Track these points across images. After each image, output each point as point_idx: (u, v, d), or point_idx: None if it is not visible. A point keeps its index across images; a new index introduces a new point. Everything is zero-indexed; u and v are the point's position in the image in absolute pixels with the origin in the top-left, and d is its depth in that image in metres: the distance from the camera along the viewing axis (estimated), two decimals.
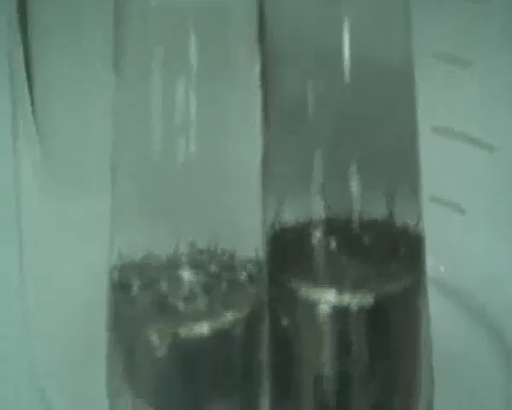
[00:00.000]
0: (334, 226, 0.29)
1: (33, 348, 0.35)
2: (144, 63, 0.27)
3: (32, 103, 0.34)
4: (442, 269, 0.40)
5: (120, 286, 0.28)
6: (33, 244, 0.35)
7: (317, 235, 0.29)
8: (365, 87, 0.29)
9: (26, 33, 0.32)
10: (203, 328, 0.27)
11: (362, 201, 0.29)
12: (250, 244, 0.29)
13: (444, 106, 0.40)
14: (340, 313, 0.27)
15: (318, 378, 0.28)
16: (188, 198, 0.28)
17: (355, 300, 0.27)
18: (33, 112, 0.34)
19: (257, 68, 0.29)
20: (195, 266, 0.28)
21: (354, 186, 0.29)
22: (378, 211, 0.29)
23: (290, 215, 0.30)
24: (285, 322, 0.28)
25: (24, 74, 0.33)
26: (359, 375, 0.28)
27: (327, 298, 0.27)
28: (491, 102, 0.40)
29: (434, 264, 0.33)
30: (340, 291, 0.27)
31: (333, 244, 0.29)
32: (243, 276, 0.29)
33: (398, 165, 0.30)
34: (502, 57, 0.39)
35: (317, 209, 0.29)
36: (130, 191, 0.29)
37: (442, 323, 0.32)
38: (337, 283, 0.27)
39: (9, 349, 0.38)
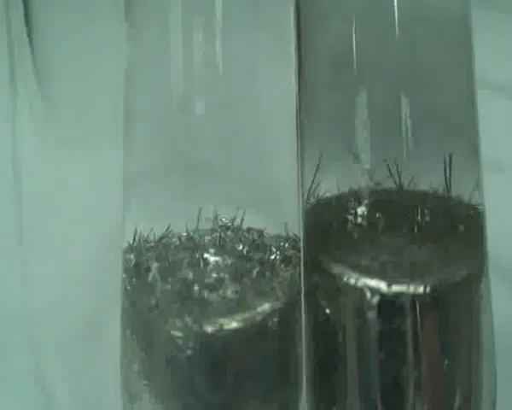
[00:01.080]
0: (381, 200, 0.25)
1: (35, 339, 0.32)
2: (162, 9, 0.24)
3: (33, 53, 0.31)
4: None
5: (137, 270, 0.24)
6: (33, 210, 0.32)
7: (362, 210, 0.25)
8: (417, 38, 0.25)
9: None
10: (233, 322, 0.23)
11: (413, 167, 0.25)
12: (280, 218, 0.25)
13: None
14: (391, 303, 0.24)
15: (365, 375, 0.24)
16: (210, 161, 0.25)
17: (409, 289, 0.23)
18: (34, 64, 0.31)
19: (290, 15, 0.25)
20: (221, 245, 0.24)
21: (405, 149, 0.25)
22: (432, 179, 0.25)
23: (329, 185, 0.26)
24: (327, 311, 0.24)
25: (23, 25, 0.30)
26: (412, 375, 0.24)
27: (375, 287, 0.24)
28: None
29: None
30: (391, 279, 0.23)
31: (380, 222, 0.25)
32: (276, 256, 0.25)
33: (455, 124, 0.26)
34: None
35: (361, 178, 0.25)
36: (146, 153, 0.25)
37: None
38: (387, 269, 0.24)
39: (10, 341, 0.35)
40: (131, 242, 0.25)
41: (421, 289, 0.23)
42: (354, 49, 0.25)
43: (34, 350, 0.31)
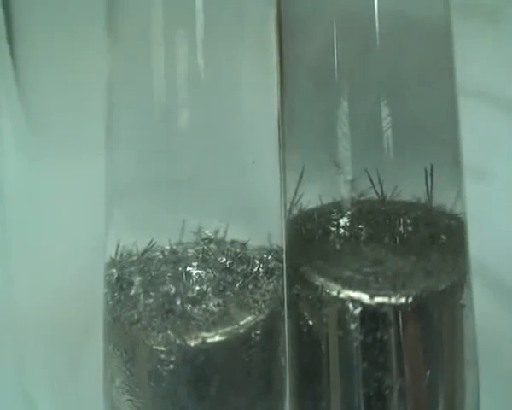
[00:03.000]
0: (364, 210, 0.25)
1: (20, 347, 0.32)
2: (144, 20, 0.24)
3: (15, 66, 0.31)
4: None
5: (119, 285, 0.24)
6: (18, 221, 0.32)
7: (344, 221, 0.25)
8: (398, 49, 0.25)
9: None
10: (216, 336, 0.23)
11: (396, 177, 0.25)
12: (263, 230, 0.25)
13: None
14: (373, 314, 0.24)
15: (348, 385, 0.24)
16: (193, 173, 0.25)
17: (391, 300, 0.23)
18: (16, 77, 0.31)
19: (271, 25, 0.25)
20: (204, 259, 0.24)
21: (387, 159, 0.25)
22: (415, 189, 0.25)
23: (312, 196, 0.26)
24: (310, 322, 0.24)
25: (5, 38, 0.30)
26: (395, 385, 0.24)
27: (358, 298, 0.24)
28: None
29: None
30: (373, 291, 0.23)
31: (363, 233, 0.25)
32: (259, 268, 0.25)
33: (437, 134, 0.26)
34: None
35: (344, 189, 0.25)
36: (128, 166, 0.25)
37: None
38: (369, 281, 0.24)
39: None
40: (114, 256, 0.25)
41: (403, 300, 0.23)
42: (335, 60, 0.25)
43: (19, 362, 0.31)
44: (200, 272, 0.24)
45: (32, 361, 0.31)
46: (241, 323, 0.23)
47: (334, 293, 0.24)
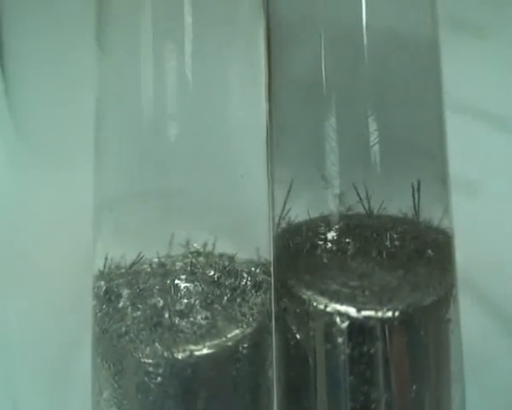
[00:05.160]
0: (351, 225, 0.25)
1: (8, 358, 0.31)
2: (133, 33, 0.24)
3: (4, 78, 0.31)
4: None
5: (107, 297, 0.24)
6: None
7: (332, 235, 0.25)
8: (386, 64, 0.25)
9: None
10: (204, 349, 0.23)
11: (383, 191, 0.25)
12: (251, 243, 0.26)
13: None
14: (360, 328, 0.24)
15: (335, 398, 0.24)
16: (182, 184, 0.25)
17: (378, 314, 0.23)
18: (5, 89, 0.31)
19: (260, 38, 0.26)
20: (192, 272, 0.24)
21: (374, 174, 0.25)
22: (402, 204, 0.25)
23: (301, 210, 0.26)
24: (297, 336, 0.25)
25: None
26: (381, 398, 0.24)
27: (345, 312, 0.24)
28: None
29: None
30: (360, 305, 0.24)
31: (350, 247, 0.25)
32: (247, 282, 0.25)
33: (424, 149, 0.26)
34: None
35: (332, 203, 0.25)
36: (117, 178, 0.25)
37: None
38: (356, 295, 0.24)
39: None
40: (102, 268, 0.25)
41: (389, 314, 0.24)
42: (323, 74, 0.25)
43: (7, 372, 0.31)
44: (188, 285, 0.24)
45: (21, 372, 0.31)
46: (229, 336, 0.23)
47: (322, 306, 0.24)
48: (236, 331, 0.24)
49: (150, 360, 0.23)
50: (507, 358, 0.36)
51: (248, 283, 0.25)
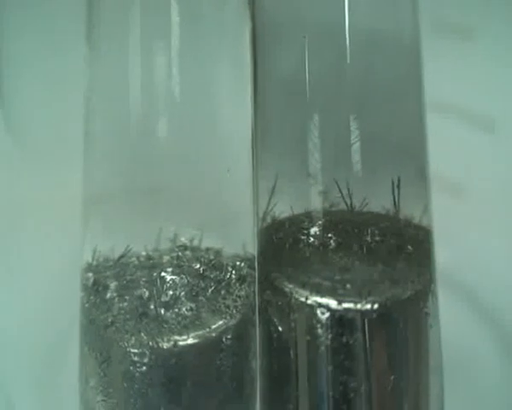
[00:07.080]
0: (334, 220, 0.26)
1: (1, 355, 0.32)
2: (122, 32, 0.25)
3: None
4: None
5: (95, 288, 0.25)
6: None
7: (315, 230, 0.26)
8: (368, 64, 0.26)
9: None
10: (188, 339, 0.24)
11: (366, 189, 0.26)
12: (237, 238, 0.26)
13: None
14: (341, 320, 0.24)
15: (315, 389, 0.25)
16: (169, 180, 0.25)
17: (357, 306, 0.24)
18: None
19: (246, 38, 0.26)
20: (178, 265, 0.25)
21: (356, 171, 0.26)
22: (384, 201, 0.26)
23: (285, 206, 0.27)
24: (279, 328, 0.25)
25: None
26: (361, 389, 0.25)
27: (325, 304, 0.24)
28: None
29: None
30: (341, 297, 0.24)
31: (332, 242, 0.26)
32: (231, 275, 0.26)
33: (405, 148, 0.27)
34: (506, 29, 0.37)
35: (316, 199, 0.26)
36: (106, 175, 0.26)
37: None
38: (337, 287, 0.24)
39: None
40: (91, 261, 0.25)
41: (368, 307, 0.24)
42: (307, 74, 0.26)
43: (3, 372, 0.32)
44: (174, 277, 0.25)
45: (13, 365, 0.32)
46: (213, 327, 0.24)
47: (303, 299, 0.25)
48: (220, 323, 0.24)
49: (136, 350, 0.24)
50: (492, 356, 0.36)
51: (233, 276, 0.26)
